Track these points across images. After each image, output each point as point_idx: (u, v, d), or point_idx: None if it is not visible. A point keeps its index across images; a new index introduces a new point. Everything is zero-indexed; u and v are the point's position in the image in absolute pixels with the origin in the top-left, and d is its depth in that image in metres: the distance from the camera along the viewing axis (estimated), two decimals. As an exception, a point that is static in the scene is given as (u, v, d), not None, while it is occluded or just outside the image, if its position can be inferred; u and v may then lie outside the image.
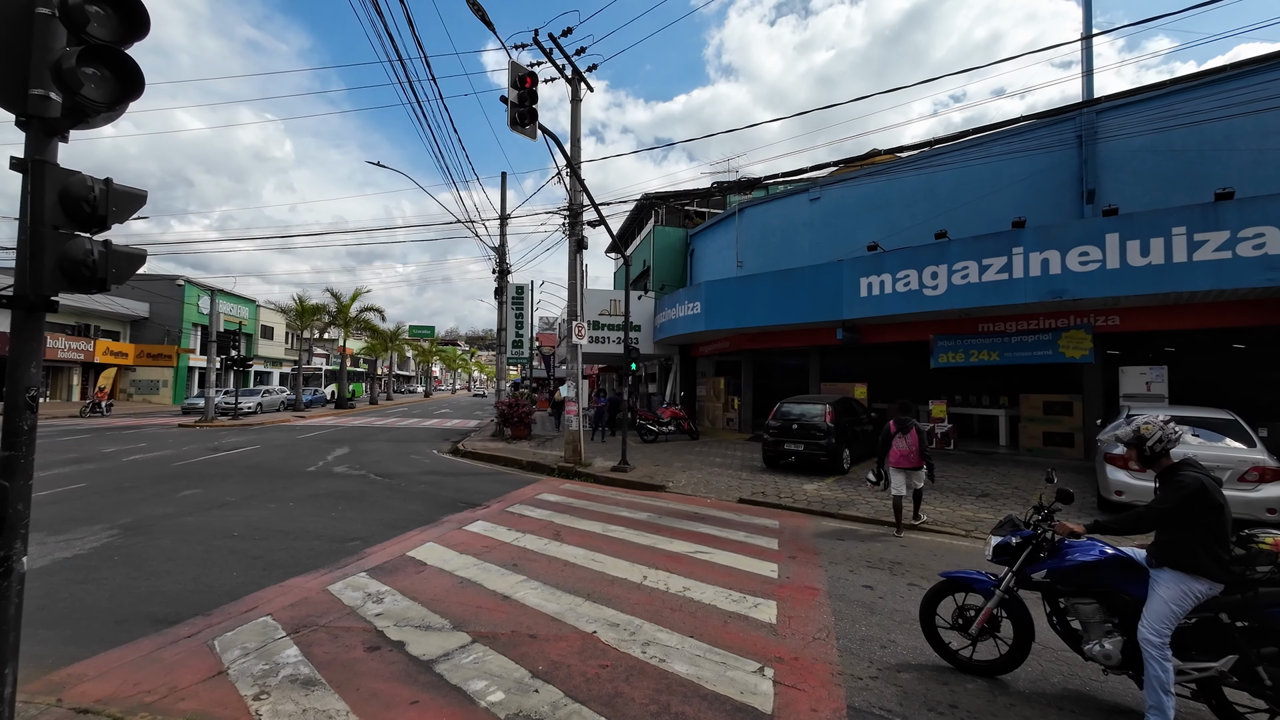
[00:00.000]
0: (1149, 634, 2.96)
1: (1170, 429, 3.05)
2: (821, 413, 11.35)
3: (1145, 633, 2.97)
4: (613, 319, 20.67)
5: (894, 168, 16.01)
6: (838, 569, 5.78)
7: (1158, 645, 2.94)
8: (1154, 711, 2.90)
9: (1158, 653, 2.93)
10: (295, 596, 4.91)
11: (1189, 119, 11.08)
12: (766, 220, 19.37)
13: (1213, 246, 9.24)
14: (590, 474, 11.45)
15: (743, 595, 4.96)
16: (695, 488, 10.13)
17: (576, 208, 12.76)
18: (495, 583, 5.24)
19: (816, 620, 4.45)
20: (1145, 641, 2.96)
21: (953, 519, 7.84)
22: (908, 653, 3.92)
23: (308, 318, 33.58)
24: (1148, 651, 2.95)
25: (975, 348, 13.13)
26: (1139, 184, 11.78)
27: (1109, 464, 7.66)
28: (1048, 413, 12.94)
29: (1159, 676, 2.91)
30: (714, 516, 8.09)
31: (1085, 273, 10.23)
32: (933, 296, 12.00)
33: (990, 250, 11.22)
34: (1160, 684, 2.90)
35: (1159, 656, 2.92)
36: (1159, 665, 2.92)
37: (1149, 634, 2.96)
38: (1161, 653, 2.92)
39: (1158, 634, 2.94)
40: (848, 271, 13.49)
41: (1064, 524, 3.26)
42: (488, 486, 10.38)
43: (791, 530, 7.37)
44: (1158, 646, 2.93)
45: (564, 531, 7.10)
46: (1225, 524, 2.95)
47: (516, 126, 8.60)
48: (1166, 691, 2.89)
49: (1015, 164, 13.59)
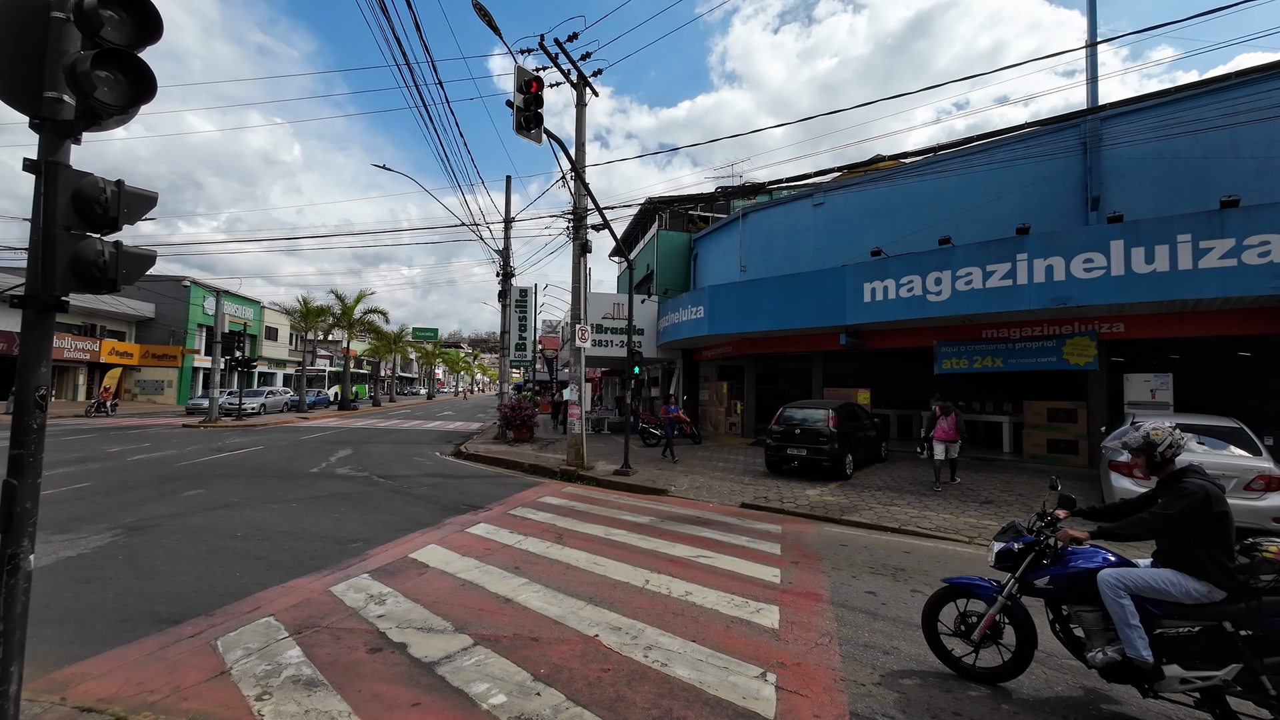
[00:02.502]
0: (1113, 579, 3.00)
1: (1179, 435, 3.05)
2: (825, 418, 11.33)
3: (1109, 576, 3.01)
4: (615, 322, 20.68)
5: (898, 174, 16.02)
6: (841, 575, 5.76)
7: (1113, 586, 3.00)
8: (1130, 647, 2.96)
9: (1110, 591, 3.00)
10: (298, 597, 4.92)
11: (1194, 126, 11.07)
12: (770, 225, 19.40)
13: (1218, 254, 9.21)
14: (593, 477, 11.45)
15: (745, 600, 4.95)
16: (698, 492, 10.12)
17: (581, 211, 12.80)
18: (497, 585, 5.24)
19: (819, 626, 4.43)
20: (1104, 582, 3.01)
21: (956, 525, 7.81)
22: (911, 660, 3.91)
23: (312, 319, 33.71)
24: (1104, 589, 3.00)
25: (979, 354, 13.11)
26: (1143, 191, 11.77)
27: (1114, 471, 7.62)
28: (1051, 420, 12.89)
29: (1119, 615, 3.02)
30: (717, 521, 8.08)
31: (1090, 280, 10.21)
32: (936, 302, 11.99)
33: (994, 256, 11.21)
34: (1123, 620, 2.99)
35: (1112, 595, 3.01)
36: (1116, 604, 3.01)
37: (1113, 579, 3.00)
38: (1116, 592, 3.01)
39: (1123, 584, 2.99)
40: (851, 277, 13.49)
41: (1067, 530, 3.25)
42: (490, 489, 10.39)
43: (794, 536, 7.36)
44: (1113, 587, 3.00)
45: (566, 535, 7.10)
46: (1229, 532, 2.94)
47: (522, 131, 8.65)
48: (1131, 627, 2.96)
49: (1019, 170, 13.59)
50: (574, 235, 12.91)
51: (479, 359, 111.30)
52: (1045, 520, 3.52)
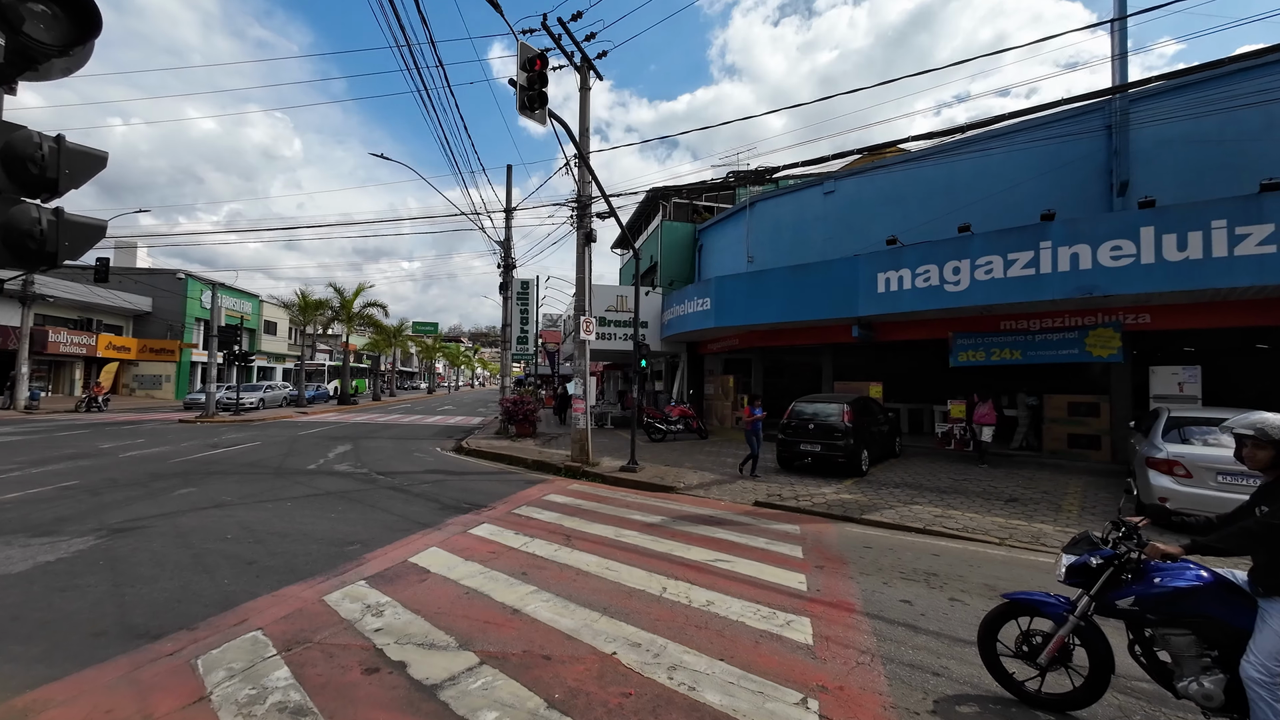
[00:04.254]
0: (1254, 671, 2.56)
1: None
2: (839, 412, 10.95)
3: (1250, 670, 2.58)
4: (619, 315, 20.27)
5: (910, 161, 15.55)
6: (870, 581, 5.39)
7: (1265, 684, 2.54)
8: None
9: (1266, 693, 2.53)
10: (289, 607, 4.54)
11: (1226, 106, 10.61)
12: (778, 214, 18.93)
13: (1255, 240, 8.78)
14: (598, 474, 11.08)
15: (772, 611, 4.58)
16: (707, 489, 9.75)
17: (585, 199, 12.36)
18: (504, 594, 4.87)
19: (857, 642, 4.06)
20: (1250, 680, 2.57)
21: (983, 525, 7.44)
22: (964, 682, 3.53)
23: (311, 313, 33.29)
24: (1254, 691, 2.56)
25: (997, 346, 12.69)
26: (1173, 175, 11.31)
27: (1151, 469, 7.23)
28: (1072, 414, 12.49)
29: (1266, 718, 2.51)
30: (730, 520, 7.71)
31: (1117, 268, 9.78)
32: (954, 292, 11.56)
33: (1016, 244, 10.78)
34: None
35: (1268, 698, 2.53)
36: (1268, 708, 2.52)
37: (1254, 671, 2.56)
38: (1271, 693, 2.53)
39: (1267, 672, 2.54)
40: (864, 267, 13.06)
41: (1157, 545, 2.85)
42: (493, 487, 10.02)
43: (814, 537, 6.98)
44: (1265, 685, 2.54)
45: (574, 536, 6.73)
46: (1352, 546, 2.55)
47: (526, 111, 8.20)
48: None
49: (1039, 155, 13.13)
50: (578, 224, 12.48)
51: (479, 353, 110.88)
52: (1123, 530, 3.12)
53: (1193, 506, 6.73)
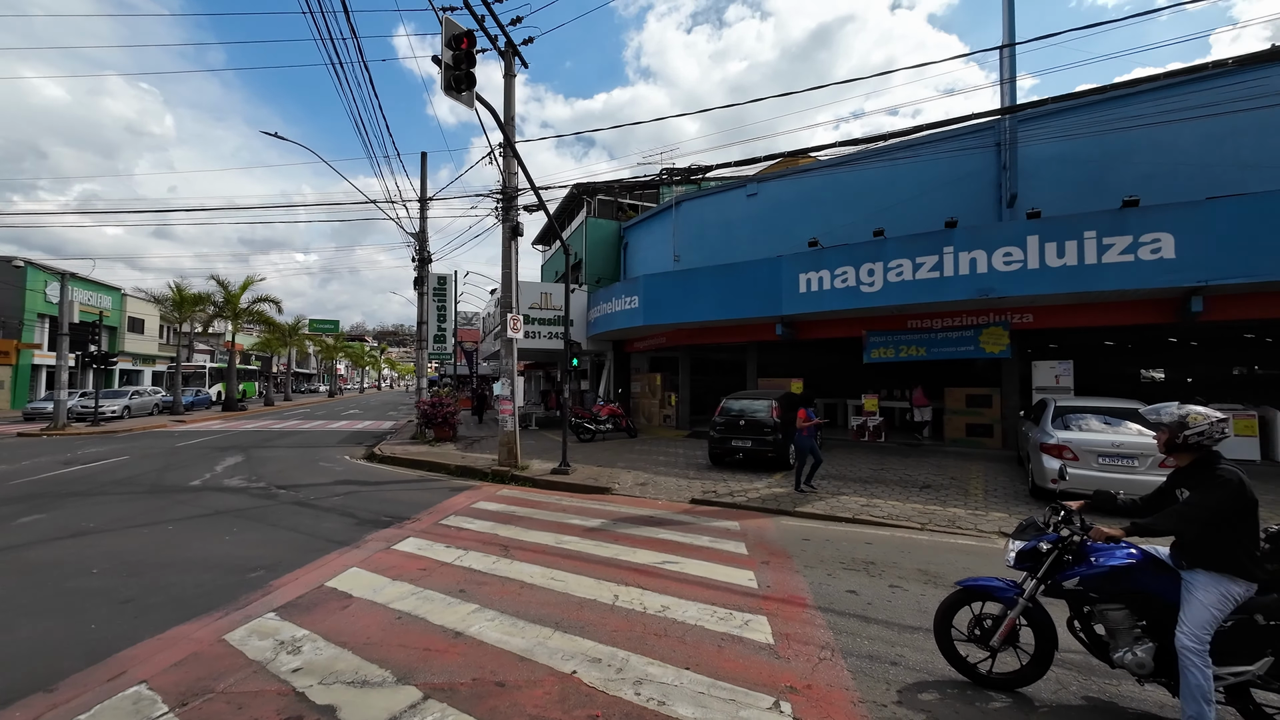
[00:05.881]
0: (1188, 640, 2.80)
1: (1217, 429, 2.91)
2: (767, 408, 11.25)
3: (1184, 640, 2.81)
4: (544, 313, 19.74)
5: (829, 167, 16.35)
6: (815, 573, 5.49)
7: (1197, 651, 2.78)
8: None
9: (1199, 660, 2.77)
10: (181, 652, 3.86)
11: (1094, 130, 12.06)
12: (704, 215, 19.25)
13: (1118, 250, 10.01)
14: (529, 477, 10.65)
15: (729, 611, 4.51)
16: (643, 489, 9.65)
17: (512, 191, 11.83)
18: (442, 615, 4.44)
19: (815, 637, 4.08)
20: (1184, 649, 2.80)
21: (905, 512, 7.88)
22: (921, 670, 3.63)
23: (188, 309, 29.58)
24: (1187, 659, 2.79)
25: (905, 343, 13.64)
26: (1054, 190, 12.68)
27: (1045, 453, 8.01)
28: (970, 405, 13.70)
29: (1199, 685, 2.75)
30: (671, 520, 7.63)
31: (1009, 272, 10.79)
32: (869, 293, 12.27)
33: (923, 249, 11.60)
34: (1201, 693, 2.74)
35: (1199, 664, 2.77)
36: (1199, 673, 2.76)
37: (1188, 640, 2.80)
38: (1202, 658, 2.77)
39: (1197, 640, 2.79)
40: (787, 268, 13.54)
41: (1101, 529, 3.05)
42: (415, 496, 9.31)
43: (755, 532, 7.06)
44: (1197, 653, 2.78)
45: (512, 546, 6.34)
46: (1257, 520, 2.85)
47: (452, 92, 7.63)
48: (1208, 700, 2.73)
49: (942, 168, 14.26)
50: (504, 216, 11.92)
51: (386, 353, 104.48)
52: (1063, 515, 3.32)
53: (1079, 485, 7.52)
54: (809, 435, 9.24)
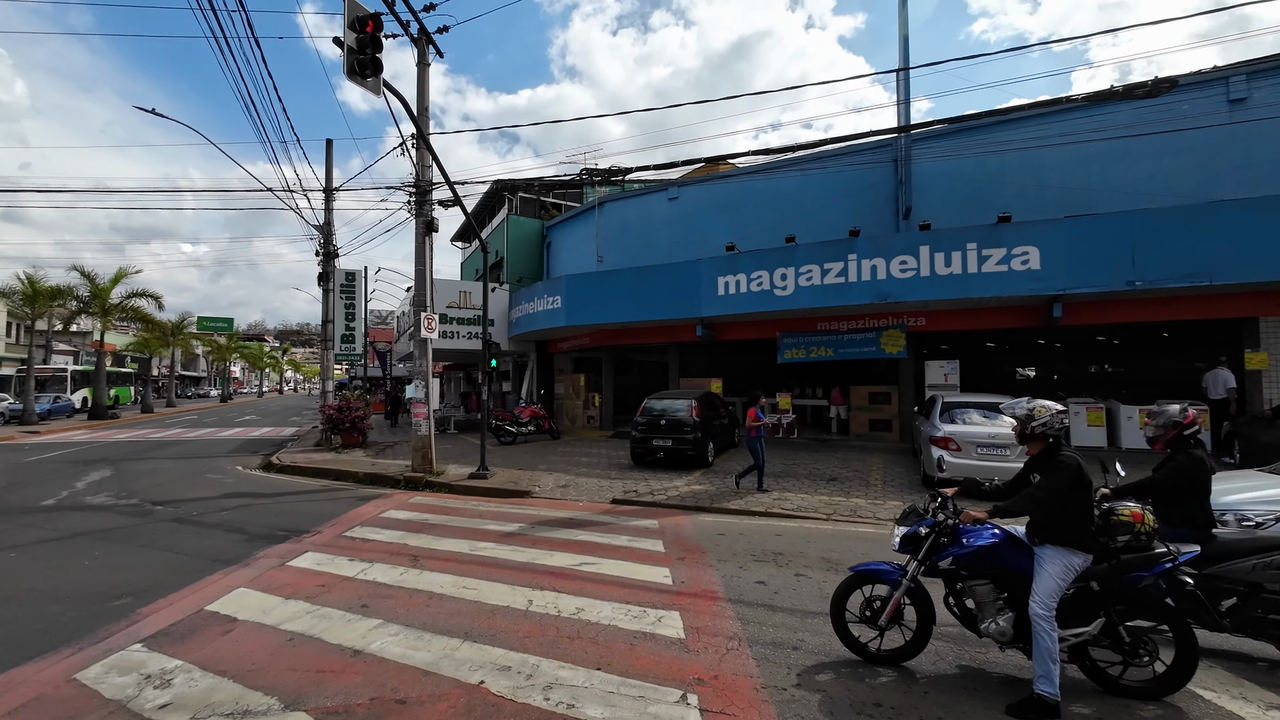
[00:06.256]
0: (1039, 608, 3.16)
1: (1058, 420, 3.30)
2: (687, 408, 11.51)
3: (1036, 607, 3.16)
4: (462, 312, 19.08)
5: (745, 174, 16.99)
6: (727, 567, 5.68)
7: (1046, 617, 3.14)
8: (1043, 680, 3.09)
9: (1047, 624, 3.13)
10: (19, 697, 3.38)
11: (976, 150, 13.34)
12: (626, 216, 19.38)
13: (995, 260, 11.12)
14: (444, 483, 10.25)
15: (642, 609, 4.56)
16: (564, 491, 9.57)
17: (426, 185, 11.33)
18: (340, 633, 4.17)
19: (724, 629, 4.21)
20: (1036, 616, 3.15)
21: (813, 504, 8.33)
22: (819, 652, 3.85)
23: (43, 303, 25.80)
24: (1038, 625, 3.14)
25: (815, 344, 14.42)
26: (943, 204, 13.87)
27: (933, 445, 8.75)
28: (872, 402, 14.71)
29: (1048, 647, 3.10)
30: (590, 521, 7.62)
31: (905, 279, 11.69)
32: (782, 296, 12.86)
33: (830, 255, 12.33)
34: (1049, 653, 3.10)
35: (1047, 628, 3.13)
36: (1047, 636, 3.12)
37: (1039, 608, 3.16)
38: (1050, 623, 3.13)
39: (1046, 607, 3.15)
40: (706, 271, 13.92)
41: (970, 512, 3.38)
42: (318, 507, 8.69)
43: (672, 529, 7.20)
44: (1046, 619, 3.14)
45: (423, 556, 6.07)
46: (1091, 500, 3.26)
47: (356, 77, 7.17)
48: (1054, 660, 3.09)
49: (847, 179, 15.21)
50: (418, 211, 11.39)
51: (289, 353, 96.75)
52: (939, 501, 3.65)
53: (963, 473, 8.28)
54: (757, 436, 9.14)
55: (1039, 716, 3.05)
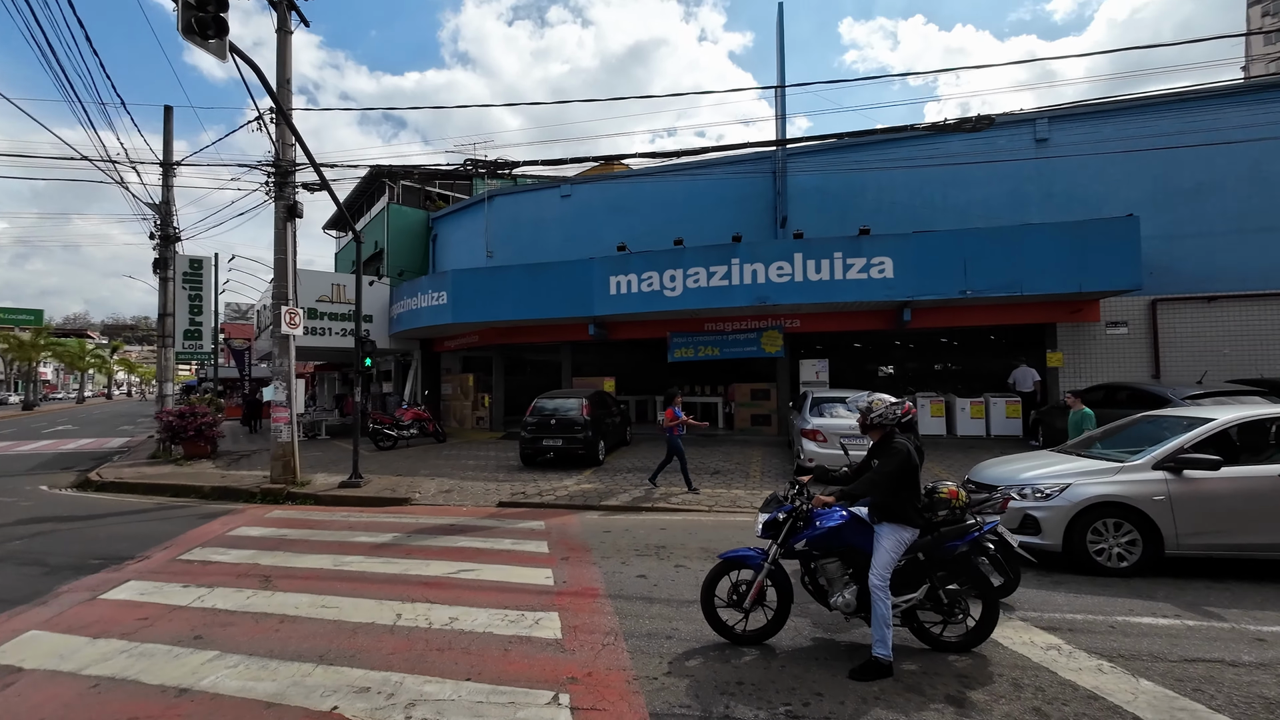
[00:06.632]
0: (876, 579, 3.53)
1: (892, 411, 3.70)
2: (578, 407, 11.48)
3: (874, 579, 3.53)
4: (335, 307, 17.55)
5: (638, 175, 17.28)
6: (610, 563, 5.73)
7: (881, 588, 3.52)
8: (879, 644, 3.46)
9: (882, 594, 3.50)
10: None
11: (841, 168, 14.65)
12: (517, 212, 18.90)
13: (856, 269, 12.29)
14: (310, 494, 9.38)
15: (520, 613, 4.47)
16: (448, 497, 9.14)
17: (287, 166, 10.25)
18: (163, 671, 3.64)
19: (601, 625, 4.24)
20: (874, 587, 3.52)
21: (696, 497, 8.67)
22: (691, 639, 4.00)
23: None
24: (875, 594, 3.51)
25: (702, 344, 15.03)
26: (815, 215, 15.04)
27: (804, 438, 9.48)
28: (753, 399, 15.63)
29: (883, 614, 3.48)
30: (474, 527, 7.34)
31: (781, 283, 12.55)
32: (672, 297, 13.27)
33: (716, 259, 12.91)
34: (884, 620, 3.47)
35: (883, 597, 3.50)
36: (883, 604, 3.49)
37: (876, 579, 3.53)
38: (885, 592, 3.51)
39: (882, 578, 3.53)
40: (598, 270, 13.98)
41: (820, 496, 3.68)
42: (148, 529, 7.54)
43: (559, 529, 7.14)
44: (881, 589, 3.51)
45: (277, 576, 5.49)
46: (919, 481, 3.71)
47: (194, 36, 6.25)
48: (888, 625, 3.47)
49: (732, 186, 16.00)
50: (277, 194, 10.27)
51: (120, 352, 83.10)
52: (796, 488, 3.95)
53: (829, 462, 9.06)
54: (677, 434, 9.08)
55: (875, 676, 3.40)
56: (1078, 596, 4.67)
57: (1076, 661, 3.57)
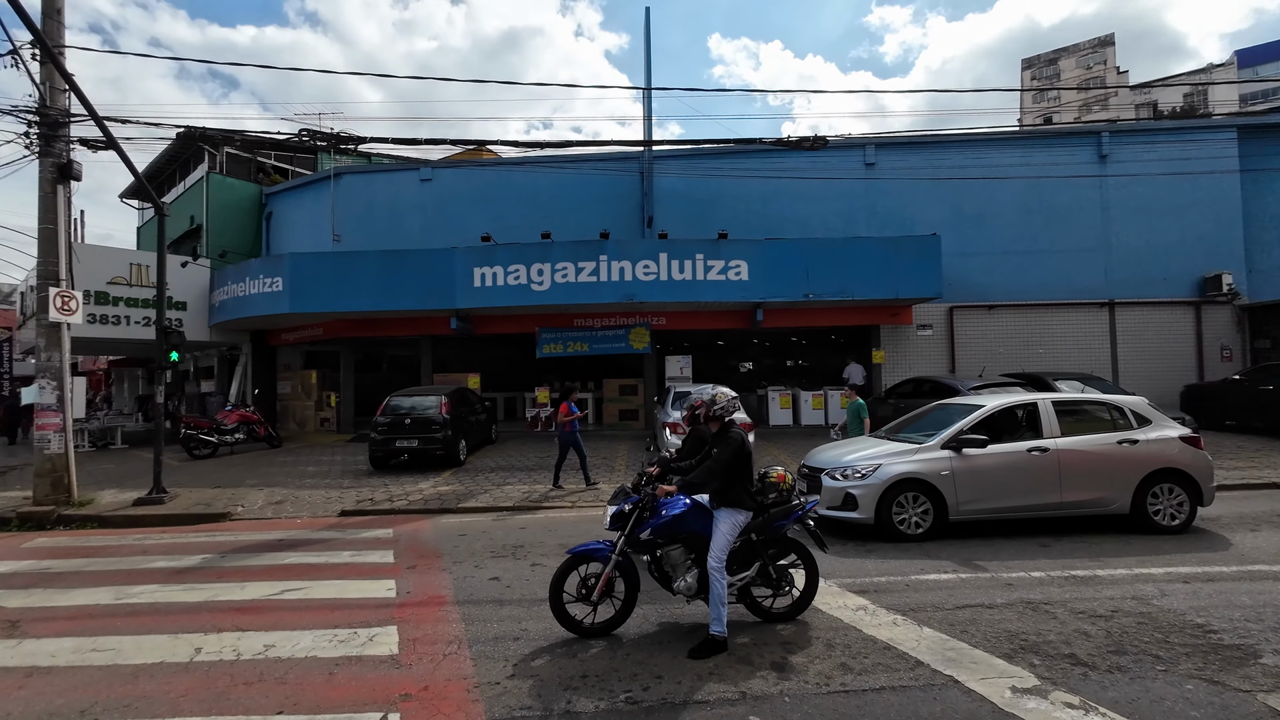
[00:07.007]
0: (713, 561, 3.74)
1: (731, 403, 3.94)
2: (437, 404, 10.84)
3: (711, 562, 3.75)
4: (136, 291, 14.80)
5: (506, 164, 16.71)
6: (463, 568, 5.47)
7: (718, 569, 3.74)
8: (715, 623, 3.68)
9: (719, 574, 3.73)
10: None
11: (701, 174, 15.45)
12: (371, 193, 17.31)
13: (716, 271, 13.05)
14: (91, 516, 7.81)
15: (353, 630, 4.08)
16: (278, 509, 8.13)
17: (59, 115, 8.36)
18: None
19: (445, 634, 4.02)
20: (711, 569, 3.73)
21: (562, 492, 8.61)
22: (539, 637, 3.94)
23: None
24: (712, 575, 3.72)
25: (572, 340, 14.98)
26: (680, 217, 15.66)
27: (666, 430, 9.84)
28: (621, 394, 15.93)
29: (719, 594, 3.70)
30: (307, 540, 6.60)
31: (647, 282, 12.93)
32: (539, 291, 13.04)
33: (584, 255, 12.93)
34: (720, 599, 3.70)
35: (719, 578, 3.73)
36: (719, 585, 3.72)
37: (713, 561, 3.74)
38: (721, 573, 3.74)
39: (719, 560, 3.75)
40: (461, 260, 13.32)
41: (662, 486, 3.82)
42: None
43: (409, 536, 6.67)
44: (717, 569, 3.74)
45: (30, 619, 4.46)
46: (751, 467, 4.00)
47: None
48: (723, 603, 3.71)
49: (602, 183, 16.10)
50: (43, 149, 8.33)
51: None
52: (645, 479, 4.06)
53: (687, 454, 9.51)
54: (571, 431, 8.87)
55: (712, 653, 3.61)
56: (884, 561, 5.38)
57: (878, 619, 4.10)
